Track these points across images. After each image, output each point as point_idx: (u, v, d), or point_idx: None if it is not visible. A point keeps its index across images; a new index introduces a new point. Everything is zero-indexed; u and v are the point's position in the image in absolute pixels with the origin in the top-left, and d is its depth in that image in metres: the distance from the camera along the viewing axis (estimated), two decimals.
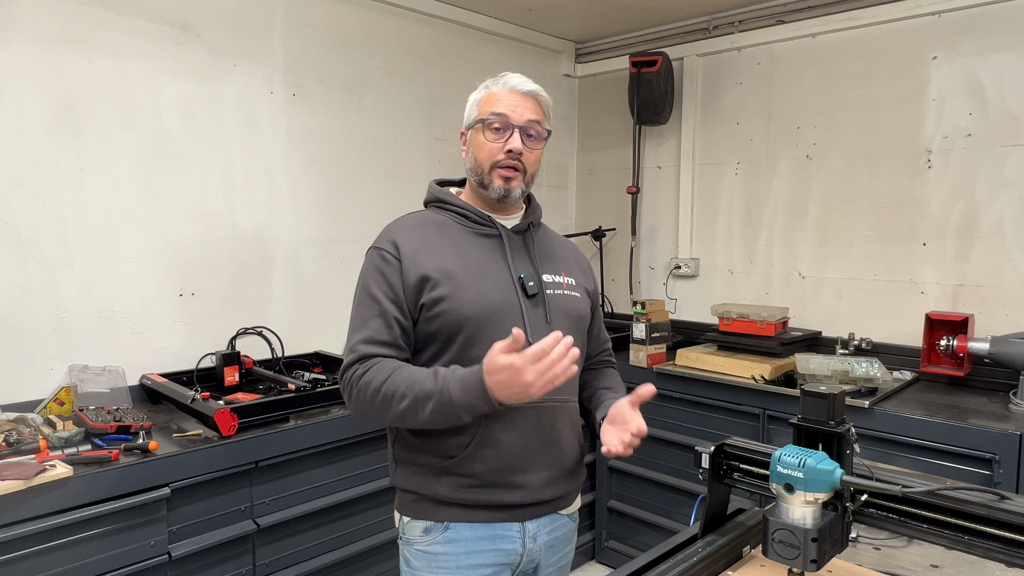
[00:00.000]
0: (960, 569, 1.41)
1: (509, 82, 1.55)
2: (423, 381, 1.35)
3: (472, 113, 1.58)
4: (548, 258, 1.60)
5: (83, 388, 2.34)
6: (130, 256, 2.53)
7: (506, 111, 1.51)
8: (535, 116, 1.53)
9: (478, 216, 1.55)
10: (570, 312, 1.56)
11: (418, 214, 1.60)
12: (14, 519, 1.72)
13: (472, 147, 1.56)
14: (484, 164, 1.52)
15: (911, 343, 3.00)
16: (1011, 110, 2.80)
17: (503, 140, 1.51)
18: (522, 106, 1.52)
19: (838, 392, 1.22)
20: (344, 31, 3.11)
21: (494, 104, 1.52)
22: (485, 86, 1.58)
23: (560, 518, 1.58)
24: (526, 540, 1.51)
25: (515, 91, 1.54)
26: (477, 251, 1.51)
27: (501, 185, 1.51)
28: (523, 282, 1.49)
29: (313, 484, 2.34)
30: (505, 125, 1.51)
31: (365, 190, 3.24)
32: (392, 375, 1.38)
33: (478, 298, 1.44)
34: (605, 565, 3.44)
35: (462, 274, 1.46)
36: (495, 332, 1.41)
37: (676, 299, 3.86)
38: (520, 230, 1.58)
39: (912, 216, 3.06)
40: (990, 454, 2.28)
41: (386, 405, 1.37)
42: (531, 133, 1.53)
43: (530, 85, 1.55)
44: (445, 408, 1.32)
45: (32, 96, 2.28)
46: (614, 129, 4.09)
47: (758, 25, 3.45)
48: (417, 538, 1.50)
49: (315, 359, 2.99)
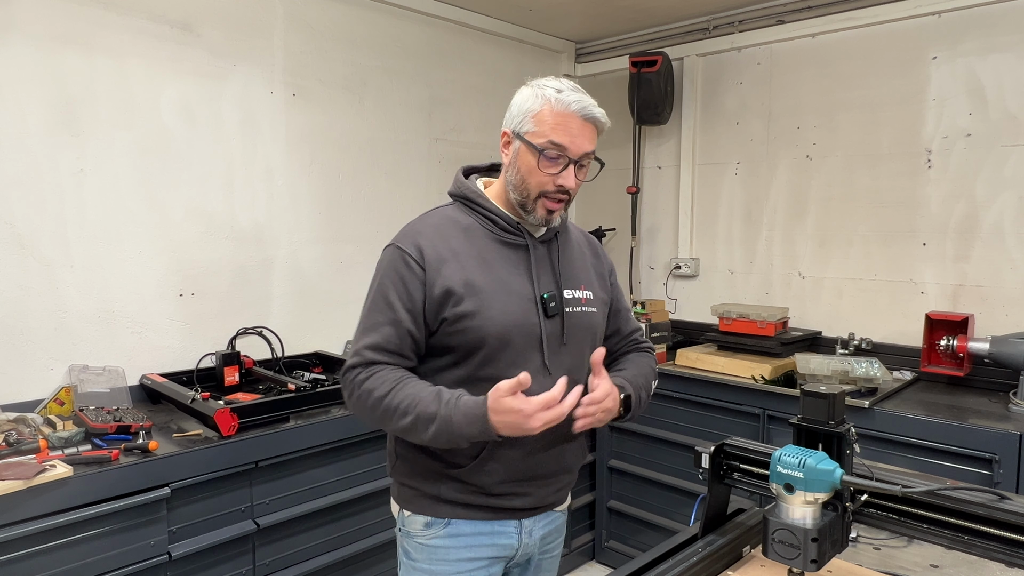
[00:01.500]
0: (960, 569, 1.40)
1: (573, 105, 1.41)
2: (426, 402, 1.34)
3: (524, 124, 1.43)
4: (570, 270, 1.56)
5: (83, 388, 2.34)
6: (130, 256, 2.53)
7: (566, 143, 1.40)
8: (592, 146, 1.44)
9: (507, 223, 1.50)
10: (586, 329, 1.55)
11: (444, 212, 1.54)
12: (14, 519, 1.72)
13: (520, 166, 1.44)
14: (531, 191, 1.44)
15: (911, 343, 3.00)
16: (1011, 110, 2.80)
17: (556, 172, 1.42)
18: (582, 136, 1.41)
19: (838, 392, 1.22)
20: (344, 31, 3.11)
21: (555, 130, 1.40)
22: (544, 97, 1.42)
23: (554, 513, 1.62)
24: (523, 536, 1.54)
25: (578, 116, 1.41)
26: (502, 262, 1.47)
27: (544, 215, 1.46)
28: (545, 303, 1.47)
29: (313, 484, 2.34)
30: (562, 156, 1.41)
31: (365, 190, 3.24)
32: (396, 388, 1.37)
33: (500, 316, 1.42)
34: (605, 565, 3.44)
35: (487, 290, 1.43)
36: (513, 351, 1.43)
37: (676, 299, 3.86)
38: (546, 239, 1.55)
39: (912, 216, 3.06)
40: (990, 454, 2.28)
41: (386, 417, 1.38)
42: (583, 164, 1.45)
43: (596, 111, 1.43)
44: (446, 434, 1.33)
45: (32, 96, 2.28)
46: (614, 129, 3.99)
47: (758, 25, 3.45)
48: (418, 532, 1.51)
49: (315, 359, 2.99)
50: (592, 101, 1.44)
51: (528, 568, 1.62)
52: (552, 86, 1.43)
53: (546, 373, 1.44)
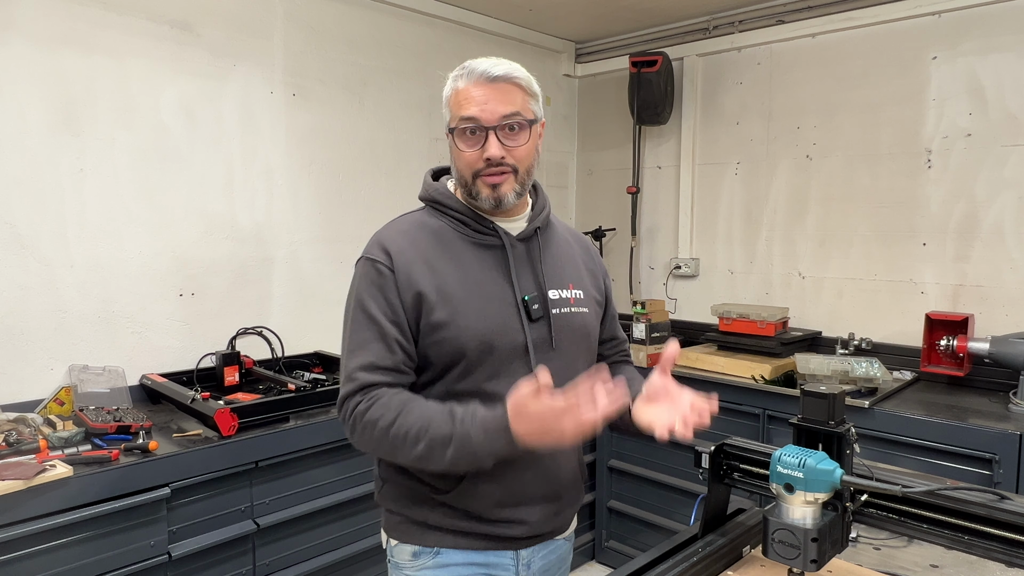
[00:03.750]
0: (960, 569, 1.40)
1: (475, 70, 1.31)
2: (438, 423, 1.21)
3: (446, 115, 1.36)
4: (555, 269, 1.44)
5: (83, 388, 2.34)
6: (130, 256, 2.53)
7: (476, 112, 1.29)
8: (512, 107, 1.31)
9: (478, 223, 1.38)
10: (577, 330, 1.42)
11: (412, 217, 1.43)
12: (14, 519, 1.72)
13: (453, 158, 1.37)
14: (466, 175, 1.34)
15: (911, 343, 3.00)
16: (1011, 110, 2.80)
17: (479, 147, 1.31)
18: (494, 99, 1.30)
19: (838, 392, 1.22)
20: (344, 31, 3.11)
21: (463, 105, 1.31)
22: (453, 79, 1.34)
23: (555, 542, 1.49)
24: (520, 568, 1.42)
25: (482, 81, 1.30)
26: (477, 265, 1.35)
27: (489, 194, 1.33)
28: (527, 305, 1.35)
29: (313, 484, 2.34)
30: (478, 129, 1.31)
31: (365, 190, 3.24)
32: (402, 414, 1.24)
33: (478, 324, 1.30)
34: (605, 565, 3.44)
35: (460, 296, 1.31)
36: (496, 361, 1.32)
37: (676, 299, 3.85)
38: (526, 237, 1.42)
39: (912, 216, 3.06)
40: (990, 454, 2.28)
41: (396, 447, 1.24)
42: (512, 126, 1.31)
43: (500, 68, 1.31)
44: (467, 456, 1.20)
45: (32, 96, 2.28)
46: (614, 129, 4.09)
47: (758, 25, 3.45)
48: (406, 562, 1.40)
49: (315, 359, 2.99)
50: (499, 61, 1.33)
51: None
52: (457, 68, 1.35)
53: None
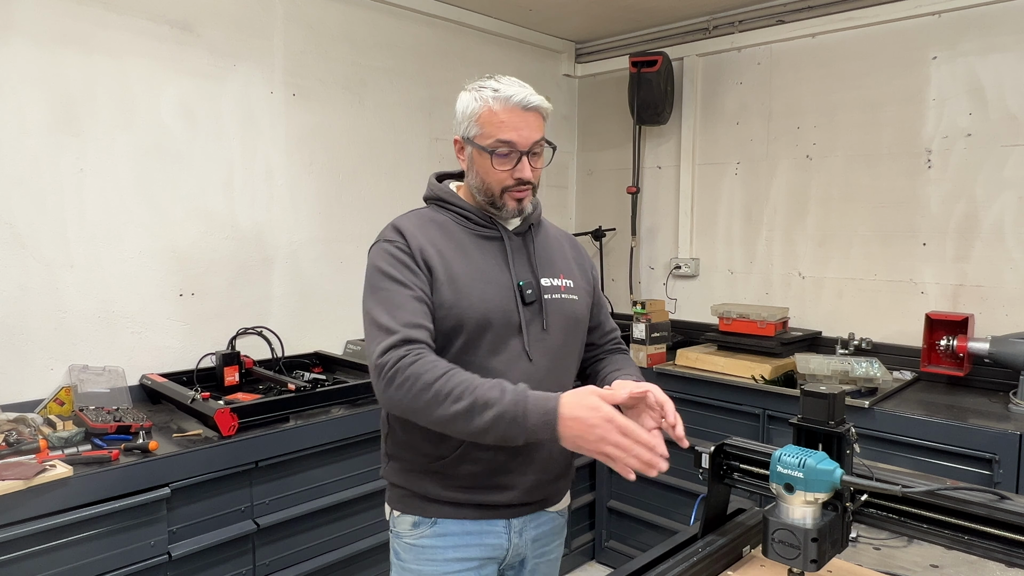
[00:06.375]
0: (960, 569, 1.41)
1: (511, 99, 1.44)
2: (485, 388, 1.27)
3: (470, 129, 1.48)
4: (547, 260, 1.58)
5: (83, 388, 2.34)
6: (130, 256, 2.53)
7: (513, 138, 1.44)
8: (539, 134, 1.48)
9: (480, 217, 1.53)
10: (567, 316, 1.55)
11: (420, 212, 1.57)
12: (14, 519, 1.72)
13: (478, 169, 1.49)
14: (494, 189, 1.48)
15: (911, 343, 3.00)
16: (1011, 110, 2.80)
17: (511, 167, 1.46)
18: (527, 127, 1.45)
19: (838, 392, 1.22)
20: (344, 31, 3.11)
21: (499, 128, 1.44)
22: (483, 99, 1.46)
23: (546, 514, 1.60)
24: (512, 535, 1.53)
25: (519, 109, 1.45)
26: (479, 253, 1.50)
27: (515, 207, 1.50)
28: (522, 289, 1.48)
29: (313, 484, 2.34)
30: (512, 152, 1.45)
31: (365, 190, 3.24)
32: (448, 373, 1.29)
33: (480, 303, 1.43)
34: (605, 565, 3.44)
35: (464, 278, 1.44)
36: (493, 337, 1.43)
37: (676, 299, 3.85)
38: (521, 232, 1.57)
39: (912, 216, 3.06)
40: (990, 454, 2.28)
41: (434, 402, 1.27)
42: (536, 151, 1.49)
43: (534, 99, 1.46)
44: (509, 423, 1.24)
45: (32, 96, 2.28)
46: (614, 129, 4.09)
47: (758, 25, 3.45)
48: (406, 531, 1.52)
49: (315, 359, 2.99)
50: (530, 90, 1.47)
51: (523, 571, 1.59)
52: (489, 86, 1.47)
53: (527, 360, 1.46)
